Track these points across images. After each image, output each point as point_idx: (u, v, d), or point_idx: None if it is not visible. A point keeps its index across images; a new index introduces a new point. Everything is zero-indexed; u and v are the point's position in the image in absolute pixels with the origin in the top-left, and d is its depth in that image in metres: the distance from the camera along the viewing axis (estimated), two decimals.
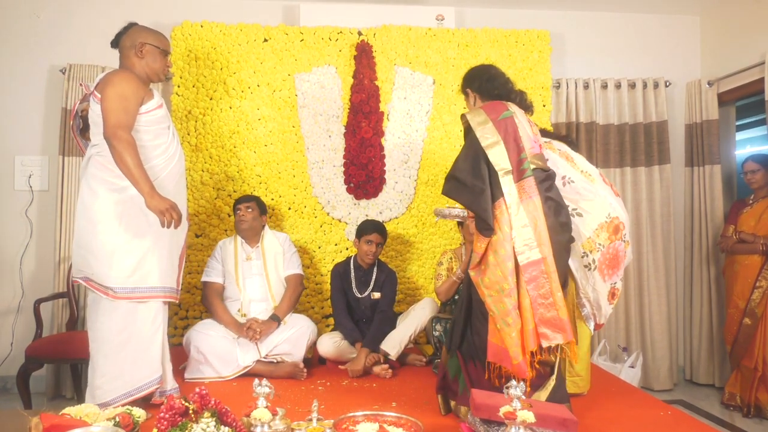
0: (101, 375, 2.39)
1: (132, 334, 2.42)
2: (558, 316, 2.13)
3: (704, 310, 4.17)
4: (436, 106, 4.01)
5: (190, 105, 3.79)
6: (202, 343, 3.04)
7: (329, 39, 3.95)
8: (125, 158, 2.30)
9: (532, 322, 2.12)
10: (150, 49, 2.55)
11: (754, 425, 3.42)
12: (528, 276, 2.14)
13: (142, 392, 2.42)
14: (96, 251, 2.40)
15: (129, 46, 2.55)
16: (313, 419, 2.13)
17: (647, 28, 4.42)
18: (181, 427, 1.75)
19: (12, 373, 3.41)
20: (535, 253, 2.15)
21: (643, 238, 4.17)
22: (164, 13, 3.98)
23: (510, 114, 2.29)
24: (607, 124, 4.23)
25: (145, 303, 2.45)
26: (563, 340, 2.13)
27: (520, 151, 2.23)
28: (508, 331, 2.12)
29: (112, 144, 2.31)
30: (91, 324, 2.46)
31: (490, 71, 2.53)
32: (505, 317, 2.13)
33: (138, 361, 2.43)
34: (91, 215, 2.41)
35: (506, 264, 2.14)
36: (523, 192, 2.19)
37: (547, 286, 2.14)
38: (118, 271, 2.39)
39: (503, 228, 2.16)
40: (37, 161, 3.88)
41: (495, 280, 2.17)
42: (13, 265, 3.83)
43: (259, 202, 3.42)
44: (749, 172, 3.78)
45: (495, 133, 2.24)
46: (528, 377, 2.12)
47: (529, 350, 2.12)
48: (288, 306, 3.28)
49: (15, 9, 3.90)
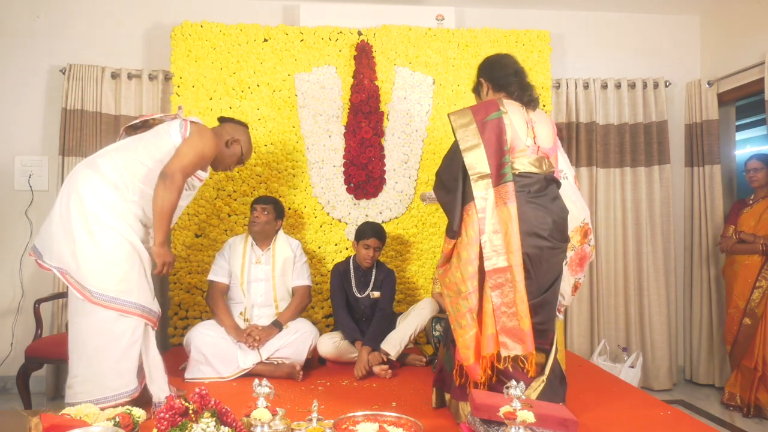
0: (73, 375, 2.35)
1: (109, 341, 2.35)
2: (519, 327, 2.11)
3: (704, 310, 4.17)
4: (436, 106, 4.01)
5: (190, 105, 3.79)
6: (202, 343, 3.04)
7: (329, 39, 3.95)
8: (169, 200, 2.46)
9: (493, 328, 2.12)
10: (237, 148, 2.87)
11: (754, 425, 3.42)
12: (493, 282, 2.13)
13: (109, 403, 2.30)
14: (84, 247, 2.34)
15: (228, 132, 2.85)
16: (313, 419, 2.13)
17: (647, 28, 4.42)
18: (181, 427, 1.75)
19: (12, 374, 3.42)
20: (502, 260, 2.13)
21: (643, 238, 4.17)
22: (164, 13, 3.99)
23: (499, 115, 2.23)
24: (607, 124, 4.23)
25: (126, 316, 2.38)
26: (522, 351, 2.11)
27: (503, 155, 2.19)
28: (460, 333, 2.15)
29: (168, 181, 2.45)
30: (70, 322, 2.40)
31: (501, 60, 2.47)
32: (459, 319, 2.16)
33: (111, 371, 2.34)
34: (86, 208, 2.37)
35: (466, 267, 2.15)
36: (499, 197, 2.17)
37: (511, 296, 2.12)
38: (102, 275, 2.33)
39: (468, 232, 2.16)
40: (37, 161, 3.88)
41: (454, 281, 2.18)
42: (13, 265, 3.83)
43: (277, 206, 3.37)
44: (752, 170, 3.79)
45: (476, 136, 2.21)
46: (480, 380, 2.14)
47: (484, 354, 2.12)
48: (292, 315, 3.27)
49: (15, 9, 3.90)
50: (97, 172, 2.44)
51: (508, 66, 2.42)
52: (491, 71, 2.44)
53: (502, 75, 2.40)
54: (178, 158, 2.51)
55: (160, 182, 2.46)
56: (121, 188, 2.44)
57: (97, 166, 2.46)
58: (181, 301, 3.73)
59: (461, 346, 2.15)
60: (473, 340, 2.13)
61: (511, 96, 2.36)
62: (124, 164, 2.48)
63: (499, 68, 2.43)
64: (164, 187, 2.45)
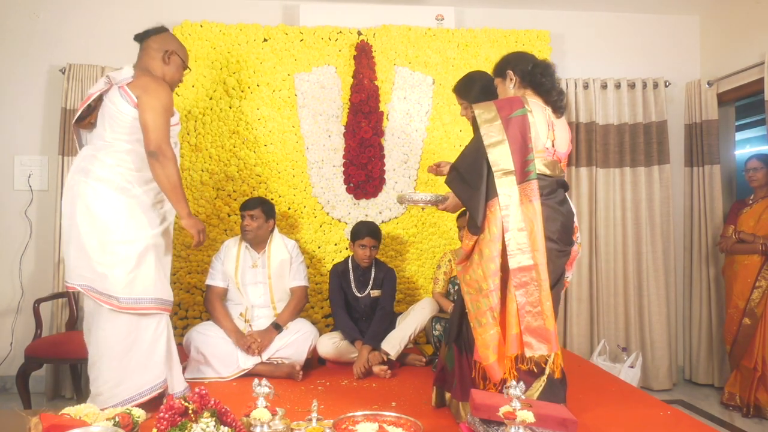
0: (104, 382, 2.37)
1: (135, 341, 2.40)
2: (545, 326, 2.09)
3: (703, 310, 4.17)
4: (435, 106, 4.01)
5: (189, 105, 3.79)
6: (202, 343, 3.04)
7: (329, 39, 3.95)
8: (171, 175, 2.41)
9: (517, 328, 2.09)
10: (176, 60, 2.63)
11: (753, 425, 3.42)
12: (517, 281, 2.10)
13: (144, 397, 2.39)
14: (103, 259, 2.35)
15: (157, 48, 2.60)
16: (312, 419, 2.13)
17: (647, 28, 4.42)
18: (181, 427, 1.75)
19: (11, 373, 3.42)
20: (527, 258, 2.10)
21: (643, 238, 4.17)
22: (164, 13, 3.98)
23: (524, 112, 2.19)
24: (606, 124, 4.23)
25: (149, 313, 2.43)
26: (548, 351, 2.09)
27: (527, 153, 2.16)
28: (480, 331, 2.11)
29: (158, 159, 2.38)
30: (93, 331, 2.41)
31: (535, 59, 2.40)
32: (479, 317, 2.12)
33: (141, 368, 2.41)
34: (98, 221, 2.37)
35: (489, 265, 2.10)
36: (524, 195, 2.14)
37: (536, 294, 2.09)
38: (123, 281, 2.36)
39: (491, 228, 2.12)
40: (37, 161, 3.88)
41: (475, 278, 2.14)
42: (12, 265, 3.83)
43: (265, 208, 3.31)
44: (751, 169, 3.80)
45: (501, 132, 2.16)
46: (499, 380, 2.10)
47: (508, 354, 2.10)
48: (290, 316, 3.27)
49: (15, 9, 3.90)
50: (100, 180, 2.41)
51: (548, 66, 2.36)
52: (524, 65, 2.35)
53: (537, 72, 2.31)
54: (150, 131, 2.39)
55: (151, 162, 2.40)
56: (126, 187, 2.43)
57: (96, 174, 2.41)
58: (181, 301, 3.73)
59: (480, 345, 2.10)
60: (493, 339, 2.09)
61: (539, 95, 2.31)
62: (115, 161, 2.43)
63: (534, 65, 2.35)
64: (158, 164, 2.39)
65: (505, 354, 2.10)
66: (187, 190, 3.77)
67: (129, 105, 2.43)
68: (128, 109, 2.43)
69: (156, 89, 2.46)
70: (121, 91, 2.45)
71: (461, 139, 3.95)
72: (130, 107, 2.43)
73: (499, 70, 2.42)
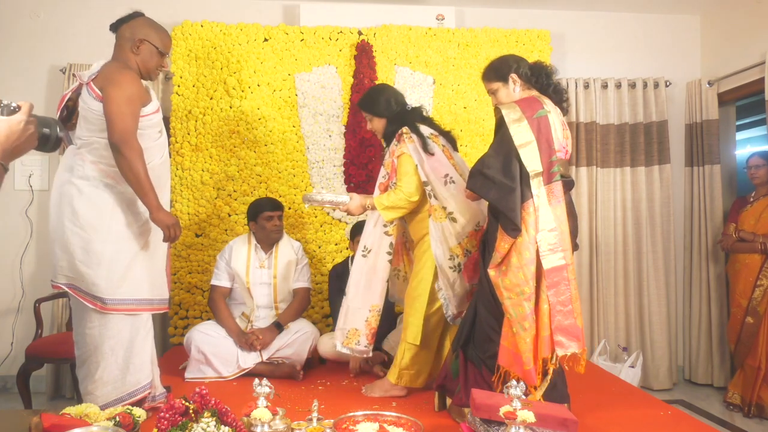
0: (92, 381, 2.34)
1: (122, 340, 2.35)
2: (575, 324, 2.11)
3: (704, 310, 4.17)
4: (436, 106, 4.01)
5: (190, 105, 3.80)
6: (203, 343, 3.04)
7: (329, 39, 3.95)
8: (136, 168, 2.26)
9: (548, 329, 2.09)
10: (147, 47, 2.44)
11: (754, 425, 3.41)
12: (549, 281, 2.10)
13: (133, 398, 2.35)
14: (85, 258, 2.29)
15: (128, 37, 2.43)
16: (313, 419, 2.13)
17: (647, 28, 4.42)
18: (182, 427, 1.75)
19: (12, 373, 3.42)
20: (559, 258, 2.11)
21: (643, 238, 4.17)
22: (164, 13, 3.96)
23: (545, 113, 2.20)
24: (607, 123, 4.23)
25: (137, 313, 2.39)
26: (578, 348, 2.11)
27: (552, 153, 2.16)
28: (523, 336, 2.09)
29: (122, 151, 2.25)
30: (81, 331, 2.37)
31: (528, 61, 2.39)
32: (522, 321, 2.10)
33: (129, 367, 2.37)
34: (80, 219, 2.31)
35: (529, 267, 2.10)
36: (552, 195, 2.15)
37: (568, 293, 2.11)
38: (108, 281, 2.30)
39: (529, 230, 2.12)
40: (37, 161, 3.88)
41: (516, 282, 2.12)
42: (13, 265, 3.83)
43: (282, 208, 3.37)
44: (753, 167, 3.80)
45: (529, 132, 2.15)
46: (537, 384, 2.10)
47: (541, 357, 2.10)
48: (292, 316, 3.27)
49: (15, 9, 3.90)
50: (83, 178, 2.34)
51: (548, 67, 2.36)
52: (525, 67, 2.34)
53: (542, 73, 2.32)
54: (112, 122, 2.26)
55: (115, 156, 2.28)
56: (110, 183, 2.36)
57: (78, 172, 2.35)
58: (181, 300, 3.73)
59: (524, 350, 2.08)
60: (533, 342, 2.09)
61: (546, 95, 2.31)
62: (95, 158, 2.36)
63: (536, 66, 2.35)
64: (121, 157, 2.26)
65: (538, 357, 2.10)
66: (187, 190, 3.78)
67: (95, 100, 2.32)
68: (96, 105, 2.32)
69: (118, 79, 2.32)
70: (87, 87, 2.37)
71: (461, 139, 3.95)
72: (96, 102, 2.32)
73: (500, 74, 2.37)
